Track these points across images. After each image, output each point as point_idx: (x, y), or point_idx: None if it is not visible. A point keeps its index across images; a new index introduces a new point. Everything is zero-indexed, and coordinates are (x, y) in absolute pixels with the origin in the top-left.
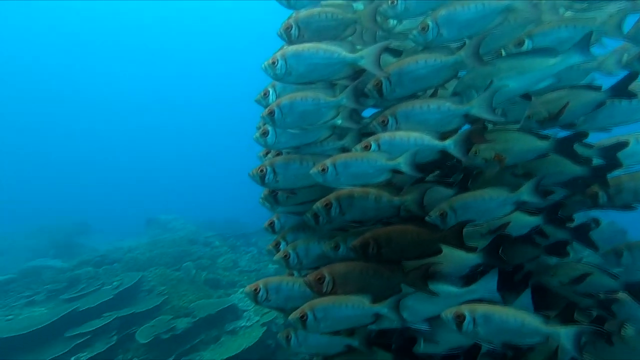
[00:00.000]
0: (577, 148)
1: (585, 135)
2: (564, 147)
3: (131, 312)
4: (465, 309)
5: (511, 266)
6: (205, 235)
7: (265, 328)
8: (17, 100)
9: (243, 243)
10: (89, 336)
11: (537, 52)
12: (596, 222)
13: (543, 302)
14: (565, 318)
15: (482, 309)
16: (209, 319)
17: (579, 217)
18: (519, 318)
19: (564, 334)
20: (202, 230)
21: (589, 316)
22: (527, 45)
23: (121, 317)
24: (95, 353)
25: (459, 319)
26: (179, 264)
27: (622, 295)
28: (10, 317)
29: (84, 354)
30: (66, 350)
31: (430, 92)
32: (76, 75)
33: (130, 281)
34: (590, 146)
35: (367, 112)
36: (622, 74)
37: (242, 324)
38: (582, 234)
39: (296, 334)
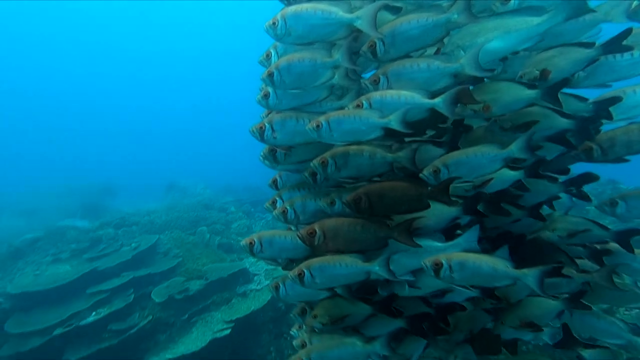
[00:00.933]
0: (574, 102)
1: (567, 81)
2: (550, 95)
3: (148, 273)
4: (443, 257)
5: (487, 218)
6: (222, 201)
7: None
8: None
9: (259, 209)
10: (108, 293)
11: (523, 11)
12: (593, 177)
13: (541, 255)
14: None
15: (457, 256)
16: (221, 282)
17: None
18: (491, 264)
19: (530, 274)
20: (221, 195)
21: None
22: (514, 2)
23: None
24: (114, 309)
25: (437, 266)
26: (194, 228)
27: (613, 245)
28: (37, 272)
29: (104, 309)
30: (87, 306)
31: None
32: (111, 56)
33: (147, 243)
34: (585, 99)
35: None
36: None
37: (253, 287)
38: (576, 187)
39: (284, 284)
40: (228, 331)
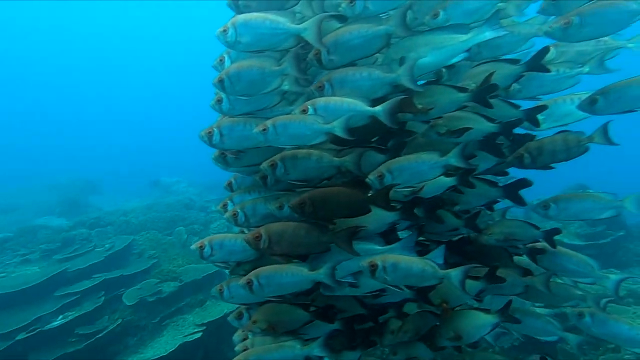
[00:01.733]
0: (507, 110)
1: (495, 87)
2: (480, 97)
3: (120, 275)
4: (378, 259)
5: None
6: (204, 200)
7: None
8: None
9: None
10: (77, 296)
11: (450, 28)
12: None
13: (482, 255)
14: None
15: (391, 258)
16: (196, 284)
17: None
18: (420, 265)
19: (453, 274)
20: (205, 194)
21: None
22: (442, 16)
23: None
24: (82, 312)
25: (373, 267)
26: (171, 229)
27: (544, 244)
28: (3, 274)
29: (72, 312)
30: (55, 309)
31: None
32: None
33: (122, 244)
34: (517, 106)
35: None
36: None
37: None
38: (512, 191)
39: (228, 287)
40: (199, 335)
